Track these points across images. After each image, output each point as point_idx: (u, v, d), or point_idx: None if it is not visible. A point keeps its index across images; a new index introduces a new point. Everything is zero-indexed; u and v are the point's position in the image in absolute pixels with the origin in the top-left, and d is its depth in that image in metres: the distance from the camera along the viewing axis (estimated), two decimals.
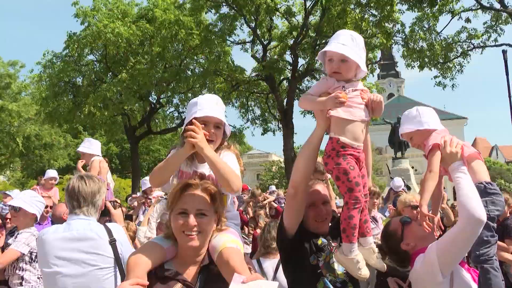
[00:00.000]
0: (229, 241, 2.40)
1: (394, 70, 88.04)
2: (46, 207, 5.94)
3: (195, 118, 2.45)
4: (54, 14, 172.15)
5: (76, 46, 24.30)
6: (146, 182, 8.63)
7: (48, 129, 35.48)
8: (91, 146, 6.71)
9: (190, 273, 2.36)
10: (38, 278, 4.60)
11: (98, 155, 6.60)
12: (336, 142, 2.83)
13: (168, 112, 30.27)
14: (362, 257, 2.84)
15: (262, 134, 29.12)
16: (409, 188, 15.78)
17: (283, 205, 12.01)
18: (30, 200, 4.77)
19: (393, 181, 12.77)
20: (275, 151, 68.75)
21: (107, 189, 5.99)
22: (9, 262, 4.55)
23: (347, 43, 2.85)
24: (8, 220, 5.79)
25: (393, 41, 23.96)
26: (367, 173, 3.08)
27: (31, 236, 4.62)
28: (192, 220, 2.28)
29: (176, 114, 29.58)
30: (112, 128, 28.99)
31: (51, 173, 10.34)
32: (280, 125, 26.56)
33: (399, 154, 23.38)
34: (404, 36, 23.54)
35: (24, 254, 4.57)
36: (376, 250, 2.95)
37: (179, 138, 2.58)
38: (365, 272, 2.82)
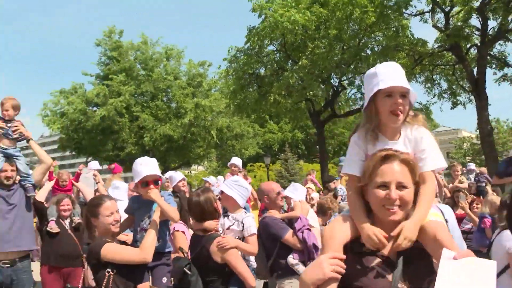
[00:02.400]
0: (431, 214, 2.21)
1: None
2: None
3: (379, 90, 2.22)
4: (234, 12, 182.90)
5: (256, 38, 25.30)
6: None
7: (237, 120, 37.76)
8: (295, 191, 6.44)
9: (387, 247, 2.17)
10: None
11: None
12: None
13: (350, 94, 30.04)
14: None
15: (452, 108, 27.42)
16: None
17: (483, 184, 11.06)
18: (230, 183, 4.97)
19: None
20: (465, 126, 64.49)
21: None
22: None
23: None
24: None
25: None
26: None
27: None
28: (394, 193, 2.11)
29: (358, 96, 29.18)
30: (297, 114, 29.72)
31: (234, 160, 10.82)
32: (471, 97, 24.67)
33: None
34: None
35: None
36: None
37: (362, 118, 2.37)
38: None
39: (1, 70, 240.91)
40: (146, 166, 4.25)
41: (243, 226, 4.74)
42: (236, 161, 10.88)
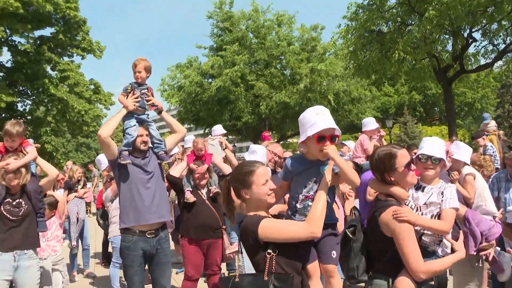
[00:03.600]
0: None
1: None
2: None
3: None
4: None
5: None
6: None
7: (354, 84, 36.46)
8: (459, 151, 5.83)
9: None
10: None
11: None
12: None
13: (480, 47, 27.23)
14: None
15: None
16: None
17: None
18: (441, 148, 3.90)
19: None
20: None
21: None
22: None
23: None
24: None
25: None
26: None
27: None
28: None
29: (490, 48, 26.40)
30: (420, 73, 27.78)
31: (375, 124, 9.60)
32: None
33: None
34: None
35: None
36: None
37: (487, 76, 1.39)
38: None
39: (121, 53, 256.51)
40: (324, 116, 3.22)
41: (442, 197, 3.65)
42: (376, 125, 9.71)
